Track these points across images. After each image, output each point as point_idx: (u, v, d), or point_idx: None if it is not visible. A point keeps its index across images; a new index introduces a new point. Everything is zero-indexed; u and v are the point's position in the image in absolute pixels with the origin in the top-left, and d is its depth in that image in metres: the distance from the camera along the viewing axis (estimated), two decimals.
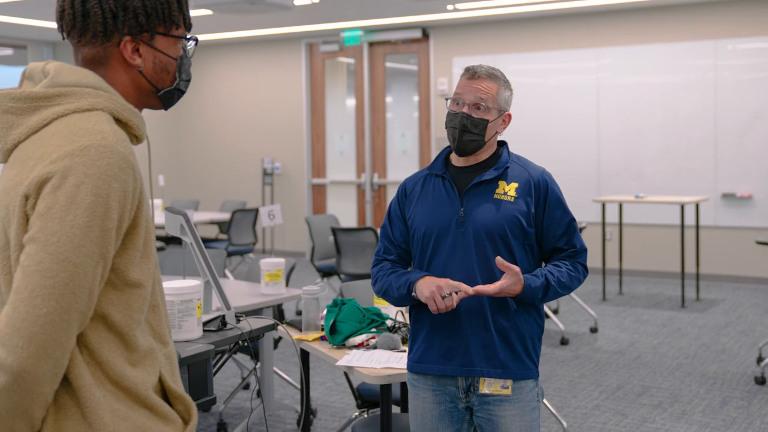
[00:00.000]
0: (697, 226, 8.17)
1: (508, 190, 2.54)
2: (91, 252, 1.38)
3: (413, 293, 2.53)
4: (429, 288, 2.46)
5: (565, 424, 4.55)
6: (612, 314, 7.51)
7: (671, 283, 8.90)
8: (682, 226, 7.85)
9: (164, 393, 1.56)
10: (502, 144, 2.67)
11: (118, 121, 1.52)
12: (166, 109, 1.68)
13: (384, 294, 2.65)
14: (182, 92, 1.68)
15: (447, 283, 2.44)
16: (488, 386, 2.52)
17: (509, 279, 2.43)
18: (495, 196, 2.53)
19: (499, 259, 2.43)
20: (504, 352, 2.51)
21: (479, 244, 2.51)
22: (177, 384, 1.58)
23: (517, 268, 2.43)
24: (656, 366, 5.84)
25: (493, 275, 2.49)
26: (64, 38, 1.59)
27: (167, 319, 1.61)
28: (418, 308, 2.60)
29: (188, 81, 1.68)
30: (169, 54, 1.62)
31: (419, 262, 2.60)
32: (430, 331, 2.57)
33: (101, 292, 1.43)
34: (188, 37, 1.67)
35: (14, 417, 1.36)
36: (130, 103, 1.58)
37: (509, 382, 2.52)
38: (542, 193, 2.55)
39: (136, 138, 1.57)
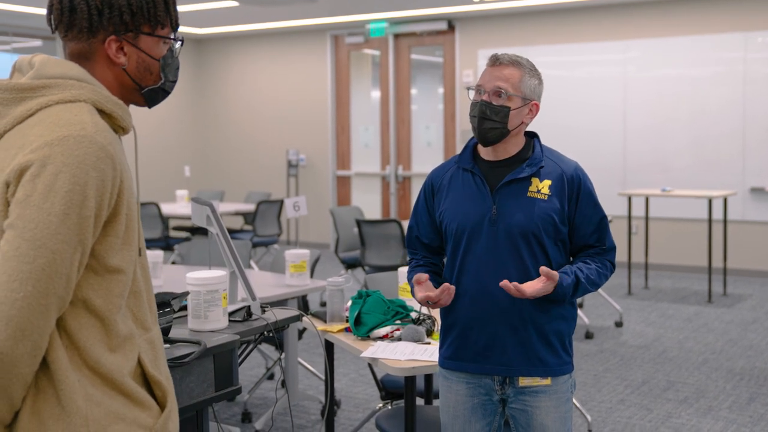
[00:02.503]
0: (725, 221, 8.09)
1: (542, 187, 2.49)
2: (68, 239, 1.42)
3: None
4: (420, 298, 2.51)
5: (589, 418, 4.53)
6: (637, 308, 7.47)
7: (698, 278, 8.83)
8: (710, 220, 7.78)
9: (146, 379, 1.60)
10: (533, 136, 2.61)
11: (103, 112, 1.56)
12: (149, 107, 1.73)
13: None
14: (167, 93, 1.71)
15: (421, 299, 2.49)
16: (528, 379, 2.51)
17: (548, 285, 2.41)
18: (528, 194, 2.48)
19: (543, 268, 2.39)
20: (542, 349, 2.50)
21: (513, 243, 2.47)
22: (158, 370, 1.61)
23: (557, 275, 2.41)
24: (682, 361, 5.80)
25: (528, 274, 2.46)
26: (53, 32, 1.64)
27: (152, 306, 1.65)
28: (450, 304, 2.54)
29: (174, 82, 1.72)
30: (153, 54, 1.65)
31: (452, 259, 2.57)
32: (464, 327, 2.54)
33: (82, 278, 1.48)
34: (174, 37, 1.69)
35: None
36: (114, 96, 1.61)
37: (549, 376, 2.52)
38: (575, 189, 2.51)
39: (122, 129, 1.61)
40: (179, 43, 1.71)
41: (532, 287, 2.40)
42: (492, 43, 10.05)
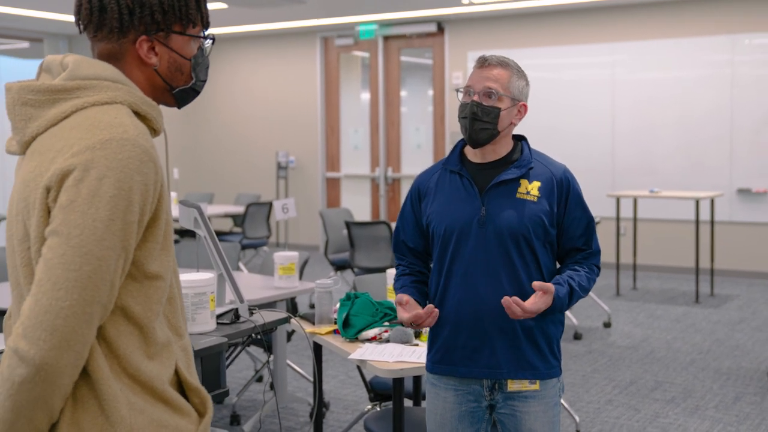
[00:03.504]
0: (712, 222, 8.13)
1: (531, 189, 2.48)
2: (113, 245, 1.38)
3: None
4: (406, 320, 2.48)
5: (577, 418, 4.55)
6: (625, 309, 7.50)
7: (685, 279, 8.87)
8: (697, 221, 7.82)
9: (180, 385, 1.56)
10: (521, 139, 2.62)
11: (137, 114, 1.52)
12: (179, 107, 1.68)
13: None
14: (197, 92, 1.67)
15: (407, 320, 2.46)
16: (517, 384, 2.51)
17: (547, 298, 2.39)
18: (517, 195, 2.48)
19: (537, 284, 2.38)
20: (531, 353, 2.49)
21: (502, 245, 2.46)
22: (193, 376, 1.58)
23: (553, 287, 2.40)
24: (669, 361, 5.83)
25: (518, 276, 2.46)
26: (81, 32, 1.59)
27: (183, 312, 1.62)
28: (438, 305, 2.54)
29: (204, 81, 1.67)
30: (184, 54, 1.61)
31: (439, 262, 2.54)
32: (452, 330, 2.52)
33: (121, 285, 1.44)
34: (205, 35, 1.65)
35: (35, 408, 1.37)
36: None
37: (537, 380, 2.52)
38: (564, 191, 2.51)
39: (154, 131, 1.56)
40: (210, 41, 1.67)
41: (534, 304, 2.37)
42: (481, 45, 10.07)
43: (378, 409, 3.77)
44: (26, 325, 1.35)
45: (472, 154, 2.57)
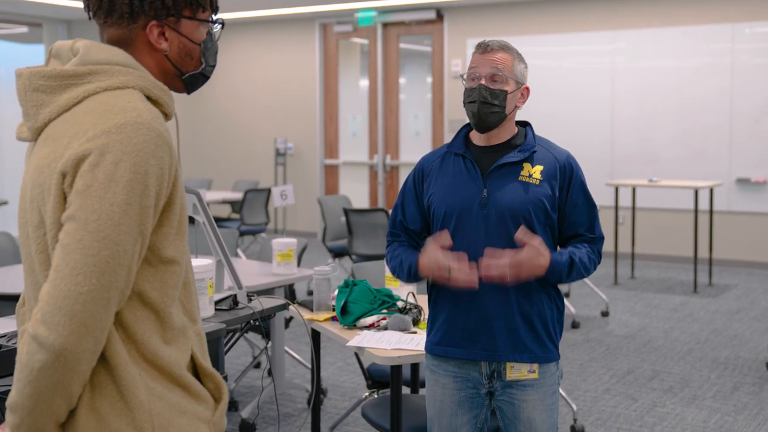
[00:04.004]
0: (711, 211, 8.12)
1: (534, 172, 2.48)
2: (130, 230, 1.38)
3: (422, 277, 2.51)
4: (431, 270, 2.42)
5: (575, 407, 4.55)
6: (623, 298, 7.50)
7: (683, 268, 8.87)
8: (696, 210, 7.82)
9: (195, 371, 1.56)
10: (525, 125, 2.62)
11: (149, 98, 1.51)
12: (189, 93, 1.67)
13: (397, 277, 2.63)
14: (206, 77, 1.66)
15: (442, 263, 2.38)
16: (516, 372, 2.50)
17: (529, 252, 2.36)
18: (520, 178, 2.48)
19: (519, 232, 2.36)
20: (527, 336, 2.49)
21: (503, 226, 2.45)
22: (207, 362, 1.58)
23: (538, 240, 2.37)
24: (667, 350, 5.83)
25: None
26: (90, 18, 1.58)
27: (196, 297, 1.61)
28: (438, 288, 2.55)
29: (213, 66, 1.66)
30: (194, 39, 1.60)
31: None
32: (451, 312, 2.52)
33: (138, 270, 1.43)
34: (214, 20, 1.65)
35: (54, 394, 1.37)
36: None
37: (535, 366, 2.50)
38: (567, 177, 2.51)
39: (165, 115, 1.55)
40: (219, 26, 1.67)
41: (517, 255, 2.35)
42: (480, 32, 10.04)
43: (375, 396, 3.77)
44: (45, 311, 1.34)
45: (477, 138, 2.58)
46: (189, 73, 1.62)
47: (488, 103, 2.47)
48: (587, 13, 9.56)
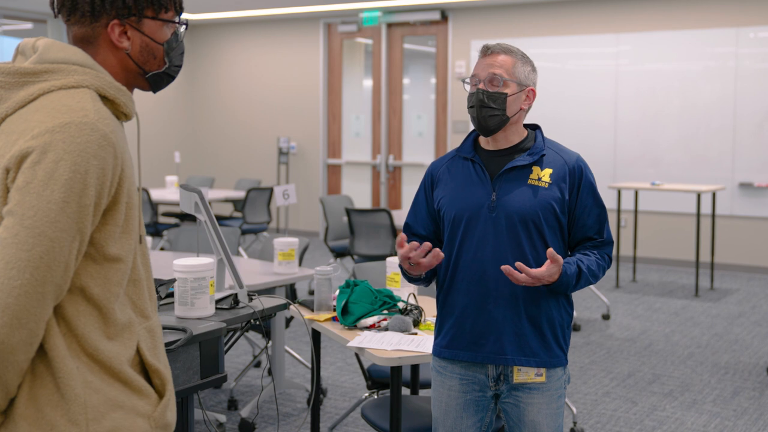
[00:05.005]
0: (713, 215, 8.12)
1: (543, 176, 2.48)
2: (67, 227, 1.41)
3: (408, 273, 2.54)
4: (403, 263, 2.47)
5: (574, 410, 4.55)
6: (625, 301, 7.50)
7: (685, 272, 8.86)
8: (698, 214, 7.81)
9: (144, 366, 1.59)
10: (535, 128, 2.61)
11: (105, 98, 1.54)
12: (154, 91, 1.71)
13: (406, 278, 2.65)
14: (171, 77, 1.69)
15: (402, 255, 2.42)
16: (523, 375, 2.50)
17: (551, 269, 2.37)
18: (529, 181, 2.47)
19: (550, 250, 2.36)
20: (535, 341, 2.48)
21: (512, 230, 2.45)
22: (157, 358, 1.61)
23: (561, 259, 2.38)
24: (668, 354, 5.83)
25: (526, 262, 2.45)
26: (55, 15, 1.62)
27: (152, 294, 1.64)
28: (446, 292, 2.55)
29: (179, 67, 1.69)
30: (157, 39, 1.63)
31: (449, 246, 2.54)
32: (460, 315, 2.52)
33: (81, 266, 1.47)
34: (178, 21, 1.67)
35: None
36: (119, 83, 1.59)
37: (543, 370, 2.50)
38: (576, 180, 2.50)
39: (124, 115, 1.58)
40: (184, 27, 1.69)
41: (540, 272, 2.36)
42: (484, 34, 10.04)
43: (375, 396, 3.77)
44: None
45: (485, 142, 2.58)
46: (152, 72, 1.65)
47: (486, 106, 2.47)
48: (591, 15, 9.56)
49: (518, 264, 2.36)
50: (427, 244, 2.41)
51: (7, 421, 1.45)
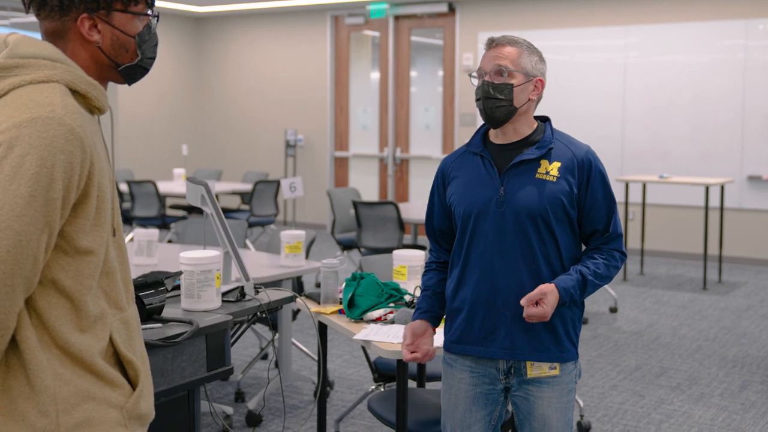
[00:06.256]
0: (722, 208, 8.09)
1: (551, 169, 2.46)
2: (34, 221, 1.41)
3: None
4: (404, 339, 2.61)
5: (581, 403, 4.54)
6: (632, 294, 7.48)
7: (693, 265, 8.84)
8: (706, 207, 7.78)
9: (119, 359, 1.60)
10: (545, 120, 2.60)
11: (77, 93, 1.54)
12: (129, 84, 1.71)
13: None
14: (145, 70, 1.69)
15: (412, 351, 2.58)
16: (536, 369, 2.49)
17: (548, 299, 2.39)
18: (537, 175, 2.46)
19: (526, 297, 2.39)
20: (546, 336, 2.48)
21: (520, 226, 2.45)
22: (132, 349, 1.62)
23: (547, 287, 2.39)
24: (675, 348, 5.81)
25: (534, 257, 2.45)
26: (27, 11, 1.62)
27: (128, 285, 1.65)
28: (456, 286, 2.55)
29: (152, 59, 1.70)
30: (127, 31, 1.63)
31: (459, 242, 2.55)
32: (470, 310, 2.52)
33: (52, 258, 1.48)
34: (150, 13, 1.67)
35: None
36: (91, 76, 1.60)
37: (557, 364, 2.50)
38: (585, 172, 2.48)
39: (97, 109, 1.59)
40: (156, 19, 1.69)
41: (539, 309, 2.38)
42: (492, 26, 10.01)
43: (382, 389, 3.77)
44: None
45: (494, 136, 2.56)
46: (125, 65, 1.65)
47: (492, 97, 2.46)
48: (599, 7, 9.52)
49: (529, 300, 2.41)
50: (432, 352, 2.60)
51: None
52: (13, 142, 1.42)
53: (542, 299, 2.39)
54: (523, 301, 2.39)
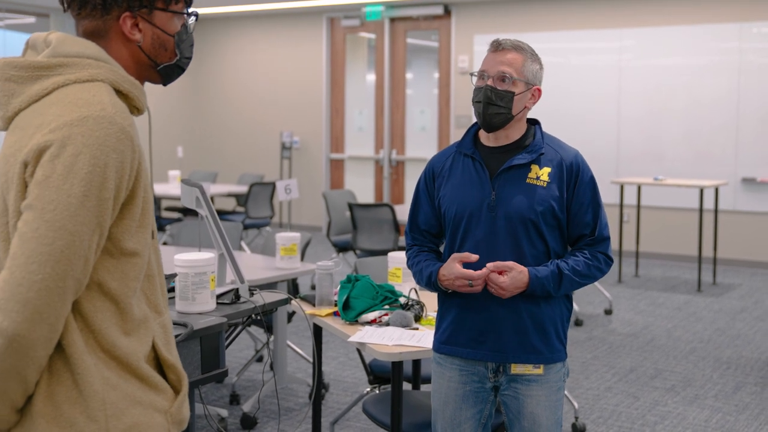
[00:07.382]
0: (716, 210, 8.11)
1: (541, 174, 2.48)
2: (87, 221, 1.40)
3: (441, 287, 2.54)
4: (451, 282, 2.48)
5: (576, 405, 4.55)
6: (627, 296, 7.49)
7: (688, 267, 8.85)
8: (701, 209, 7.80)
9: (159, 362, 1.58)
10: (534, 123, 2.61)
11: (119, 92, 1.53)
12: (165, 84, 1.70)
13: (417, 282, 2.67)
14: (182, 69, 1.68)
15: (462, 275, 2.46)
16: (520, 366, 2.52)
17: (512, 275, 2.42)
18: (527, 180, 2.48)
19: (491, 265, 2.42)
20: (536, 337, 2.50)
21: (511, 230, 2.47)
22: (171, 353, 1.60)
23: (517, 267, 2.42)
24: (670, 349, 5.82)
25: (525, 262, 2.46)
26: (65, 10, 1.60)
27: (163, 289, 1.63)
28: (447, 289, 2.56)
29: (189, 59, 1.69)
30: (168, 30, 1.62)
31: (450, 244, 2.57)
32: (459, 312, 2.54)
33: (98, 261, 1.45)
34: (188, 12, 1.67)
35: (8, 379, 1.39)
36: (131, 76, 1.58)
37: (541, 364, 2.52)
38: (573, 176, 2.50)
39: (137, 110, 1.58)
40: (193, 18, 1.68)
41: (502, 282, 2.42)
42: (488, 28, 10.02)
43: (377, 391, 3.77)
44: (1, 297, 1.36)
45: (485, 138, 2.58)
46: (164, 65, 1.64)
47: (493, 104, 2.47)
48: (594, 10, 9.54)
49: (492, 274, 2.42)
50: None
51: (25, 418, 1.44)
52: (66, 141, 1.40)
53: (508, 272, 2.41)
54: (490, 265, 2.42)
